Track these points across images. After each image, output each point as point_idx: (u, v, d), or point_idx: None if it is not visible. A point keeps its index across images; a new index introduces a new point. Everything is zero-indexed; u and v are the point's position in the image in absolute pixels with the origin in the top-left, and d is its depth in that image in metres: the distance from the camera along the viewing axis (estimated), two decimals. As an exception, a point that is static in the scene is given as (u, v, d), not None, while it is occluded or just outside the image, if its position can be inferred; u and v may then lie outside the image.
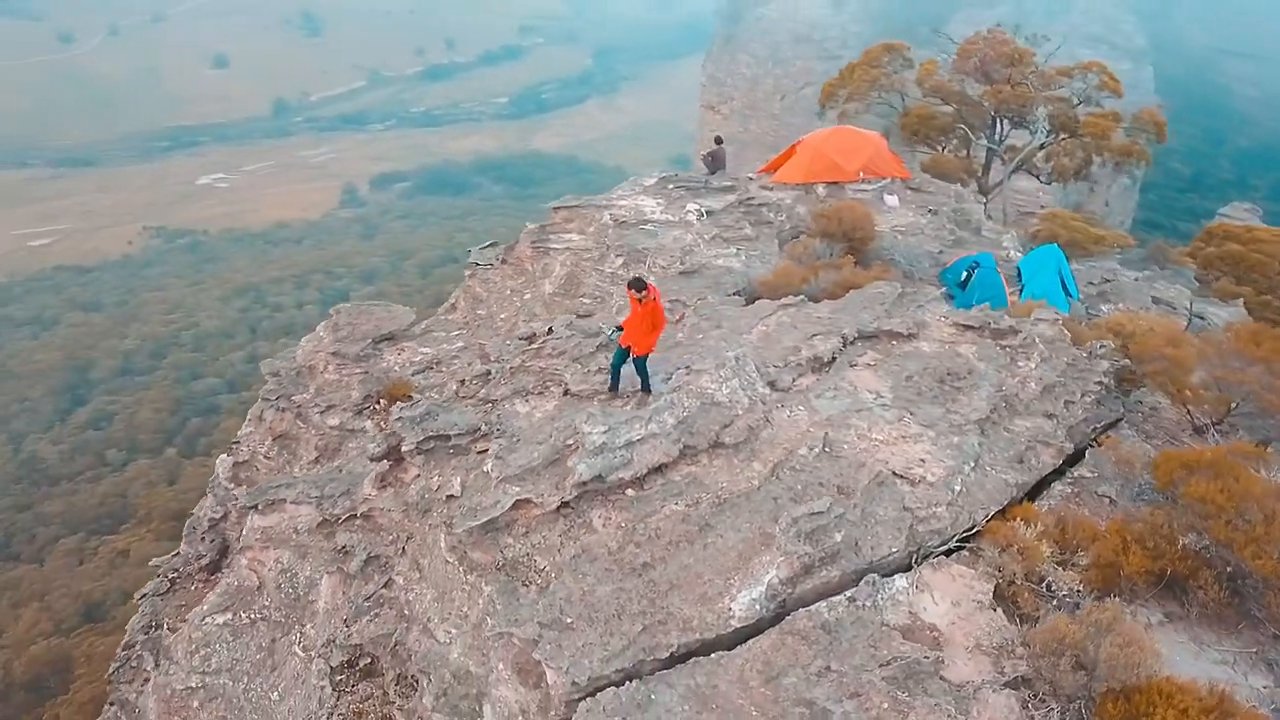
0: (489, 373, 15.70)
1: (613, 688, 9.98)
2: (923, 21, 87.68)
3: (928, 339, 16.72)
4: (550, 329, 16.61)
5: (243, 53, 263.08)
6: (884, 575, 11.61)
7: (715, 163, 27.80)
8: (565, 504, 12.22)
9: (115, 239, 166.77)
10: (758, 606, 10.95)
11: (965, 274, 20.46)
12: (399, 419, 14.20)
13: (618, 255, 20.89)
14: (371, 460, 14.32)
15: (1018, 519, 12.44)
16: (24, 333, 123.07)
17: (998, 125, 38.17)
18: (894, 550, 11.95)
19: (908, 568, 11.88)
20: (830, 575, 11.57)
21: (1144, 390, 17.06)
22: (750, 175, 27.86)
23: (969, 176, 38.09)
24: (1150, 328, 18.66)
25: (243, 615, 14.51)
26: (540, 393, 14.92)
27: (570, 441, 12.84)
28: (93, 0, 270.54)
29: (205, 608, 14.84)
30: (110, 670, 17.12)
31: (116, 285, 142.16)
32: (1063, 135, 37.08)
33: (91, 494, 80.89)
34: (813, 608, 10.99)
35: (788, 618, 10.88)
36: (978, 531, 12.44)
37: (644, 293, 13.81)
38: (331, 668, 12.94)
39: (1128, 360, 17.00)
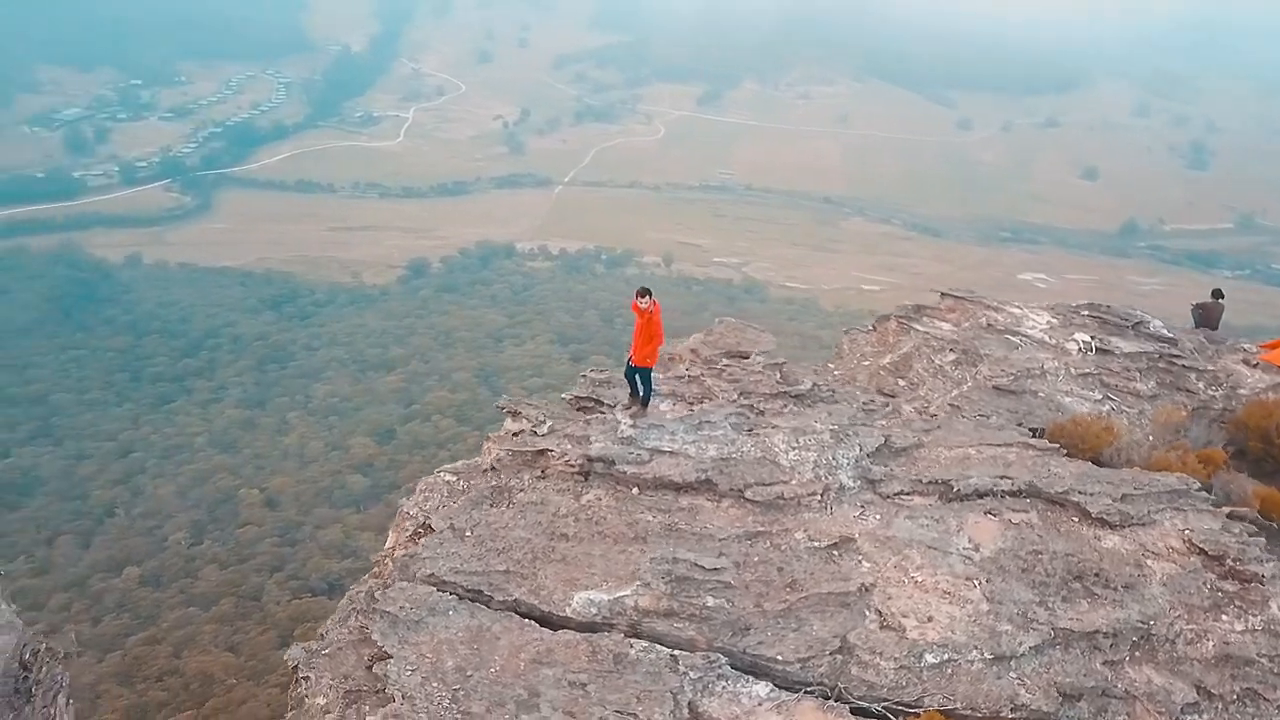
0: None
1: (449, 594, 12.10)
2: None
3: (1131, 536, 13.55)
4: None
5: (1115, 169, 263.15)
6: (743, 671, 11.12)
7: (1205, 317, 23.11)
8: (578, 471, 14.19)
9: (919, 297, 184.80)
10: (591, 609, 11.73)
11: None
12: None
13: (952, 351, 19.96)
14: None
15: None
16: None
17: None
18: (786, 658, 11.20)
19: (792, 687, 10.99)
20: (687, 632, 11.54)
21: None
22: (1246, 346, 22.35)
23: None
24: None
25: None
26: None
27: (619, 429, 14.78)
28: (1000, 99, 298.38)
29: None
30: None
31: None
32: None
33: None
34: (626, 640, 11.33)
35: (604, 630, 11.42)
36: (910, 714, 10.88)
37: (646, 302, 14.34)
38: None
39: None
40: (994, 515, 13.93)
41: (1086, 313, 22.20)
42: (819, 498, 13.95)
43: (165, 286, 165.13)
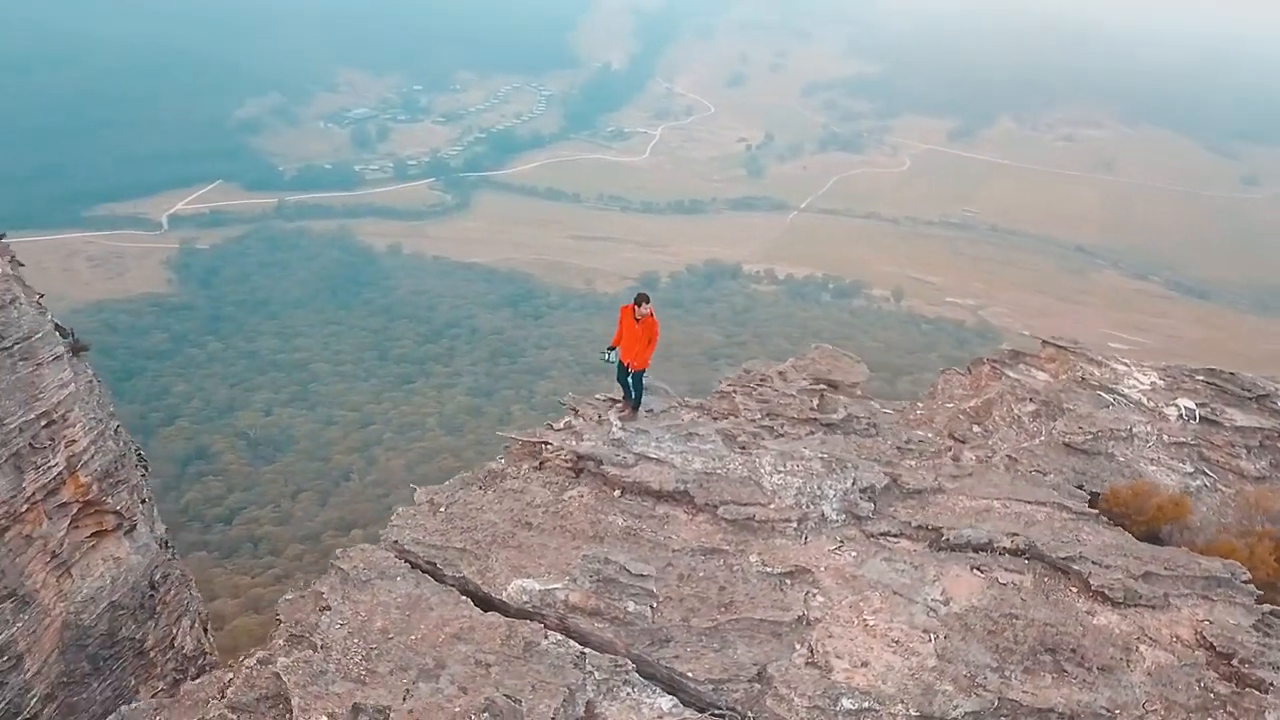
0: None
1: (404, 562, 12.87)
2: None
3: (1132, 617, 12.38)
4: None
5: None
6: (653, 682, 11.24)
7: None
8: (570, 468, 14.77)
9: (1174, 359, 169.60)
10: (523, 597, 12.15)
11: None
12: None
13: (1033, 401, 18.75)
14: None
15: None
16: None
17: None
18: (699, 677, 11.17)
19: (700, 707, 10.98)
20: (607, 634, 11.69)
21: None
22: None
23: None
24: None
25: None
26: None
27: (611, 431, 15.29)
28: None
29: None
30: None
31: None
32: None
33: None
34: (544, 630, 11.56)
35: (523, 620, 11.72)
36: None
37: (643, 308, 14.49)
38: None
39: None
40: (981, 571, 13.21)
41: (1201, 378, 20.29)
42: (795, 525, 13.73)
43: (419, 276, 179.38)
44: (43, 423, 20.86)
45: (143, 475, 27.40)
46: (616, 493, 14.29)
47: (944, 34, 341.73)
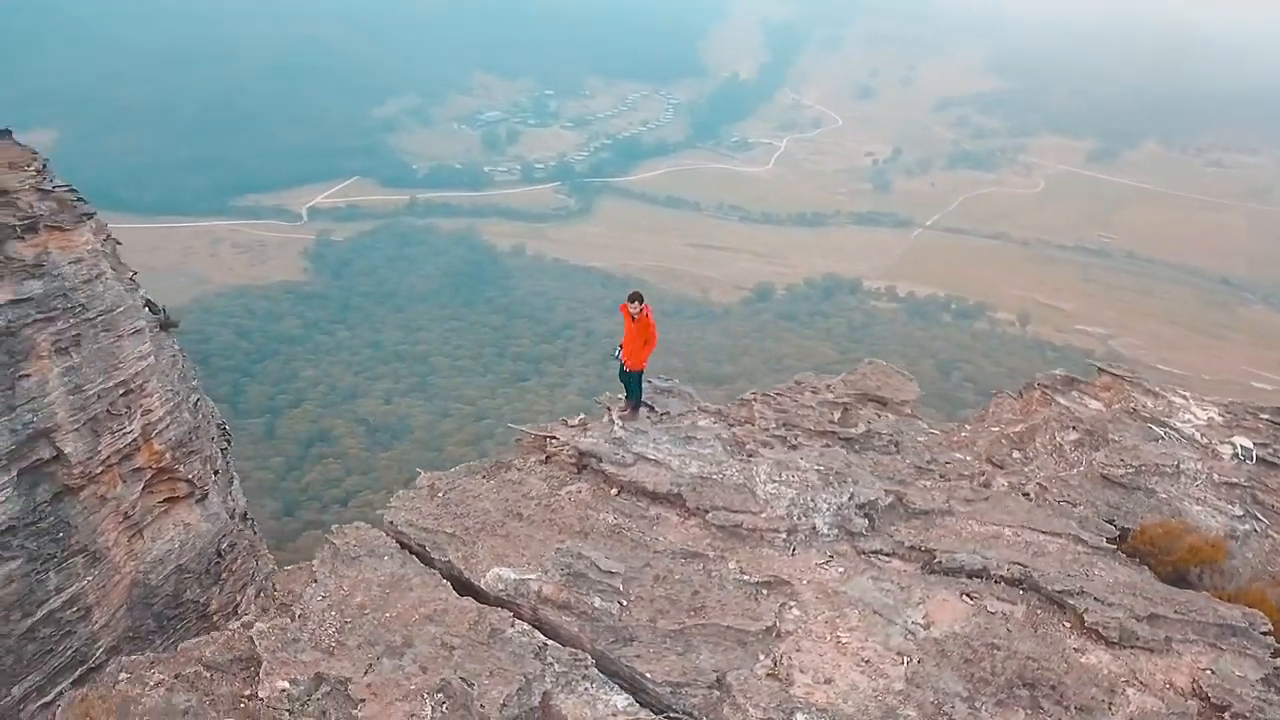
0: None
1: (395, 542, 13.33)
2: None
3: (1125, 659, 11.66)
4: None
5: None
6: (613, 679, 11.20)
7: None
8: (573, 464, 15.00)
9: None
10: (499, 585, 12.38)
11: None
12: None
13: (1075, 430, 17.85)
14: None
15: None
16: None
17: None
18: (658, 679, 11.14)
19: (656, 709, 10.92)
20: (573, 628, 11.81)
21: None
22: None
23: None
24: None
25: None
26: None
27: (613, 430, 15.51)
28: None
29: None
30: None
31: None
32: None
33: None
34: (511, 619, 11.75)
35: (494, 608, 11.93)
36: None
37: (636, 308, 14.44)
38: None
39: None
40: (971, 598, 12.73)
41: (1267, 416, 18.87)
42: (784, 536, 13.55)
43: (538, 277, 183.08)
44: (120, 391, 22.11)
45: (223, 449, 29.12)
46: (613, 491, 14.40)
47: (1086, 50, 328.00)
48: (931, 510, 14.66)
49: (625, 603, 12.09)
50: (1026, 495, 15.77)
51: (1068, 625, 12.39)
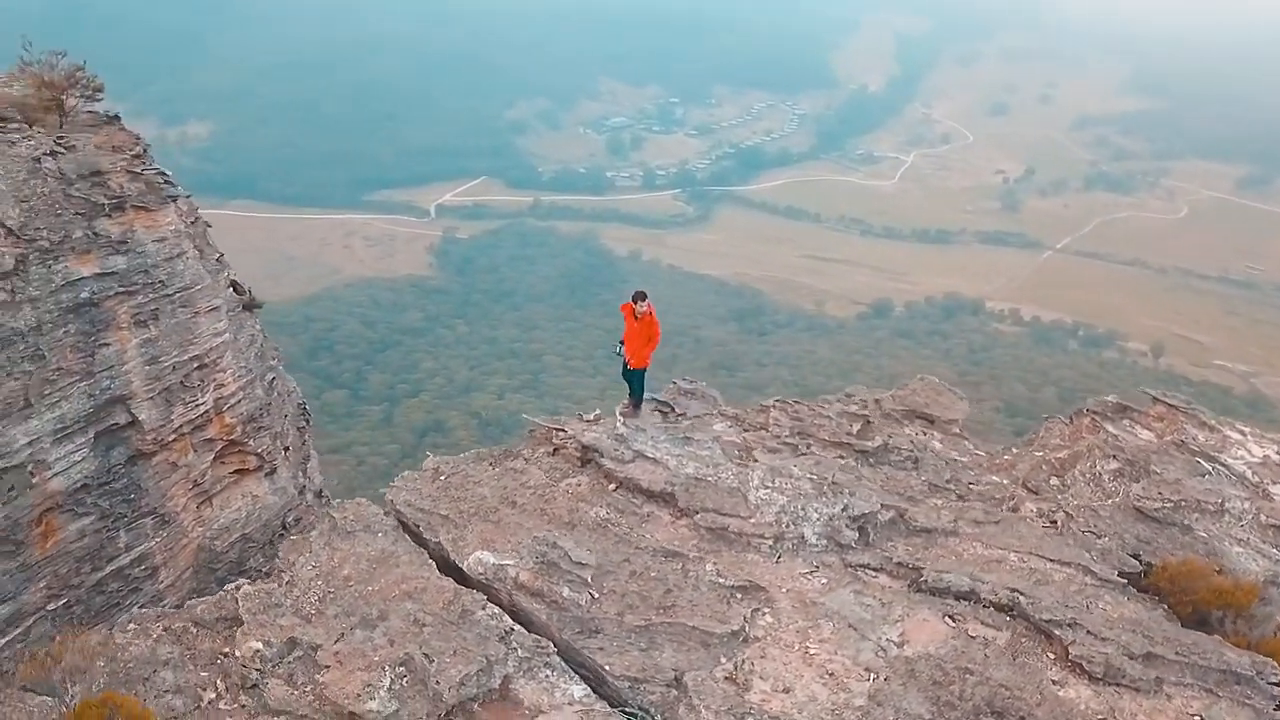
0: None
1: (392, 520, 13.81)
2: None
3: (1106, 696, 11.06)
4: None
5: None
6: (574, 669, 11.38)
7: None
8: (579, 458, 15.24)
9: None
10: (479, 568, 12.63)
11: None
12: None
13: (1116, 460, 16.92)
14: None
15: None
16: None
17: None
18: (617, 673, 11.19)
19: (613, 702, 11.07)
20: (542, 615, 11.97)
21: None
22: None
23: None
24: None
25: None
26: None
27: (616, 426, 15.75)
28: None
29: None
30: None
31: None
32: None
33: None
34: (483, 601, 12.02)
35: (470, 590, 12.23)
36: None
37: (643, 307, 14.47)
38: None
39: None
40: (953, 620, 12.33)
41: None
42: (770, 543, 13.43)
43: (653, 283, 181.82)
44: (195, 364, 22.87)
45: (300, 428, 30.03)
46: (611, 486, 14.53)
47: (1237, 70, 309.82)
48: (935, 529, 14.33)
49: (596, 595, 12.18)
50: (1053, 523, 15.27)
51: (1051, 656, 11.92)
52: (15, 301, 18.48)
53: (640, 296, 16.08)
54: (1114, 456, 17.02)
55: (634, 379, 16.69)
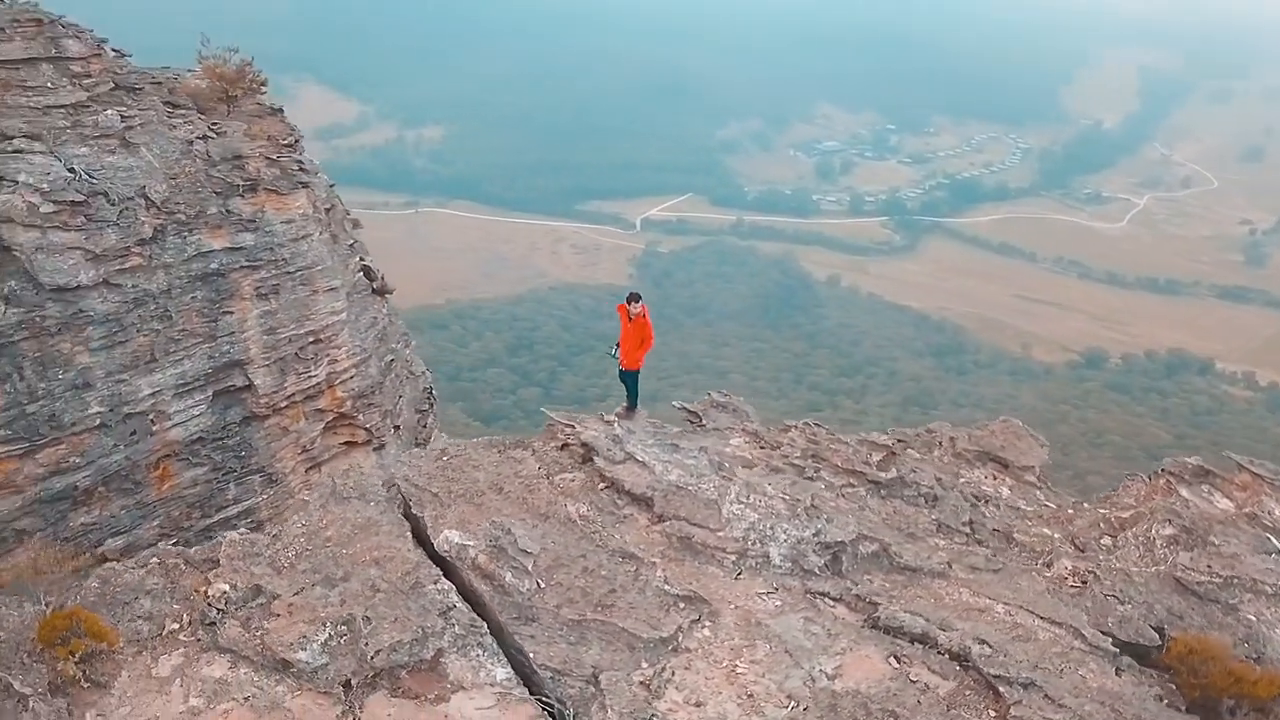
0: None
1: (386, 491, 14.39)
2: None
3: None
4: None
5: None
6: (504, 652, 11.61)
7: None
8: (581, 455, 15.41)
9: None
10: (445, 546, 12.91)
11: None
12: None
13: (1172, 525, 15.57)
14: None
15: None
16: None
17: None
18: (541, 663, 11.38)
19: (532, 690, 11.26)
20: (486, 597, 12.22)
21: None
22: None
23: None
24: None
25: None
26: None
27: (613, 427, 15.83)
28: None
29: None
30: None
31: None
32: None
33: None
34: (437, 576, 12.41)
35: (429, 564, 12.67)
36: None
37: (636, 308, 14.44)
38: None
39: None
40: (898, 661, 11.68)
41: None
42: (734, 559, 13.22)
43: (849, 310, 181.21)
44: (310, 339, 24.44)
45: (422, 410, 31.68)
46: (601, 485, 14.68)
47: None
48: (920, 569, 13.65)
49: (542, 585, 12.35)
50: (1083, 583, 14.27)
51: (992, 714, 11.13)
52: (150, 266, 20.60)
53: (634, 298, 16.14)
54: (1169, 521, 15.76)
55: (629, 380, 16.73)
